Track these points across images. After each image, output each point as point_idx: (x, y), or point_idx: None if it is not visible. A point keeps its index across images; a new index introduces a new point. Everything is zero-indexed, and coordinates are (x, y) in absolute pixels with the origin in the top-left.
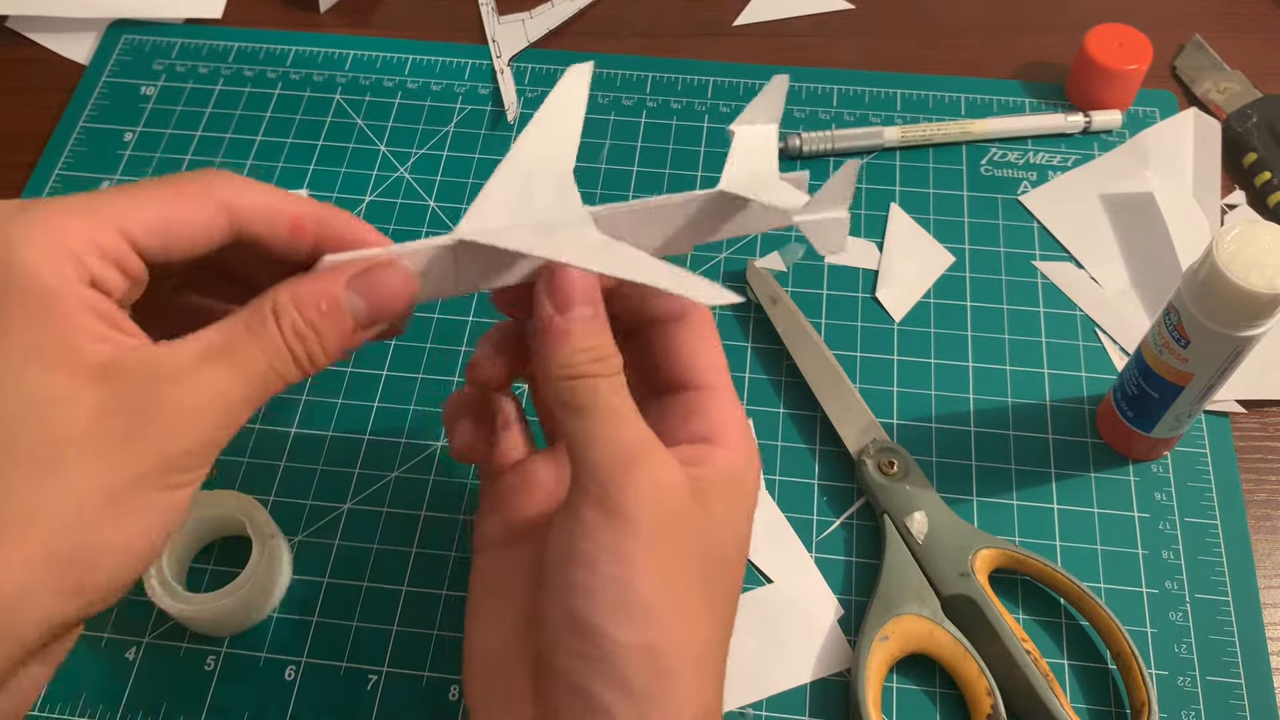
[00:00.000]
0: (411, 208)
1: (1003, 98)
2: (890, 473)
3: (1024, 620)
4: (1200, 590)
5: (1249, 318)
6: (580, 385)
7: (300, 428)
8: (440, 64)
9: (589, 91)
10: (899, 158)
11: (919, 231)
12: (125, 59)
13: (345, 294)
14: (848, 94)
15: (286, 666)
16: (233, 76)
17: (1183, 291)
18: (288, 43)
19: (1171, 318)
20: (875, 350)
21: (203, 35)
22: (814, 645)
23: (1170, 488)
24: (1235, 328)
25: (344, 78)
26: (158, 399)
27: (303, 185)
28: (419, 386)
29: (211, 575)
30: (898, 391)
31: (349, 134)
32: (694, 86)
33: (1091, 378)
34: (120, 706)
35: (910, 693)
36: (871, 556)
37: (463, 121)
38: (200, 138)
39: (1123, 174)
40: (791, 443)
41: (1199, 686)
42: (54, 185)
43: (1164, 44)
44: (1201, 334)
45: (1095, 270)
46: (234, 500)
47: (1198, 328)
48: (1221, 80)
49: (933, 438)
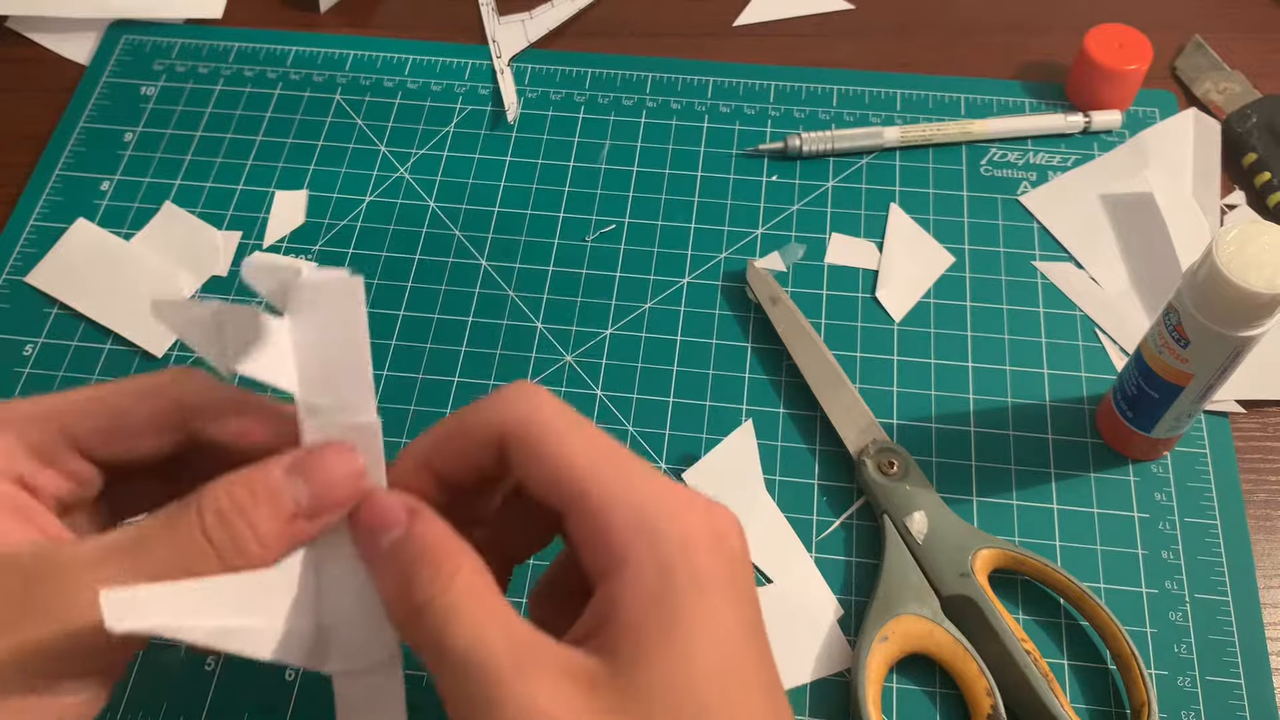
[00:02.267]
0: (411, 208)
1: (1003, 98)
2: (890, 473)
3: (1024, 620)
4: (1200, 590)
5: (1248, 318)
6: (425, 612)
7: None
8: (440, 64)
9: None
10: (899, 158)
11: (919, 232)
12: (125, 59)
13: (285, 478)
14: (848, 94)
15: (287, 666)
16: (233, 77)
17: (1182, 291)
18: (288, 43)
19: (1171, 318)
20: (875, 350)
21: (203, 35)
22: (814, 645)
23: (1170, 488)
24: (1235, 328)
25: (344, 78)
26: (35, 592)
27: (303, 185)
28: (419, 386)
29: None
30: (898, 392)
31: (349, 134)
32: (694, 86)
33: (1091, 378)
34: (120, 707)
35: (910, 693)
36: (871, 557)
37: (463, 122)
38: (200, 138)
39: (1123, 174)
40: (791, 443)
41: (1199, 686)
42: (54, 185)
43: (1164, 44)
44: (1201, 334)
45: (1095, 270)
46: None
47: (1197, 328)
48: (1221, 80)
49: (932, 438)
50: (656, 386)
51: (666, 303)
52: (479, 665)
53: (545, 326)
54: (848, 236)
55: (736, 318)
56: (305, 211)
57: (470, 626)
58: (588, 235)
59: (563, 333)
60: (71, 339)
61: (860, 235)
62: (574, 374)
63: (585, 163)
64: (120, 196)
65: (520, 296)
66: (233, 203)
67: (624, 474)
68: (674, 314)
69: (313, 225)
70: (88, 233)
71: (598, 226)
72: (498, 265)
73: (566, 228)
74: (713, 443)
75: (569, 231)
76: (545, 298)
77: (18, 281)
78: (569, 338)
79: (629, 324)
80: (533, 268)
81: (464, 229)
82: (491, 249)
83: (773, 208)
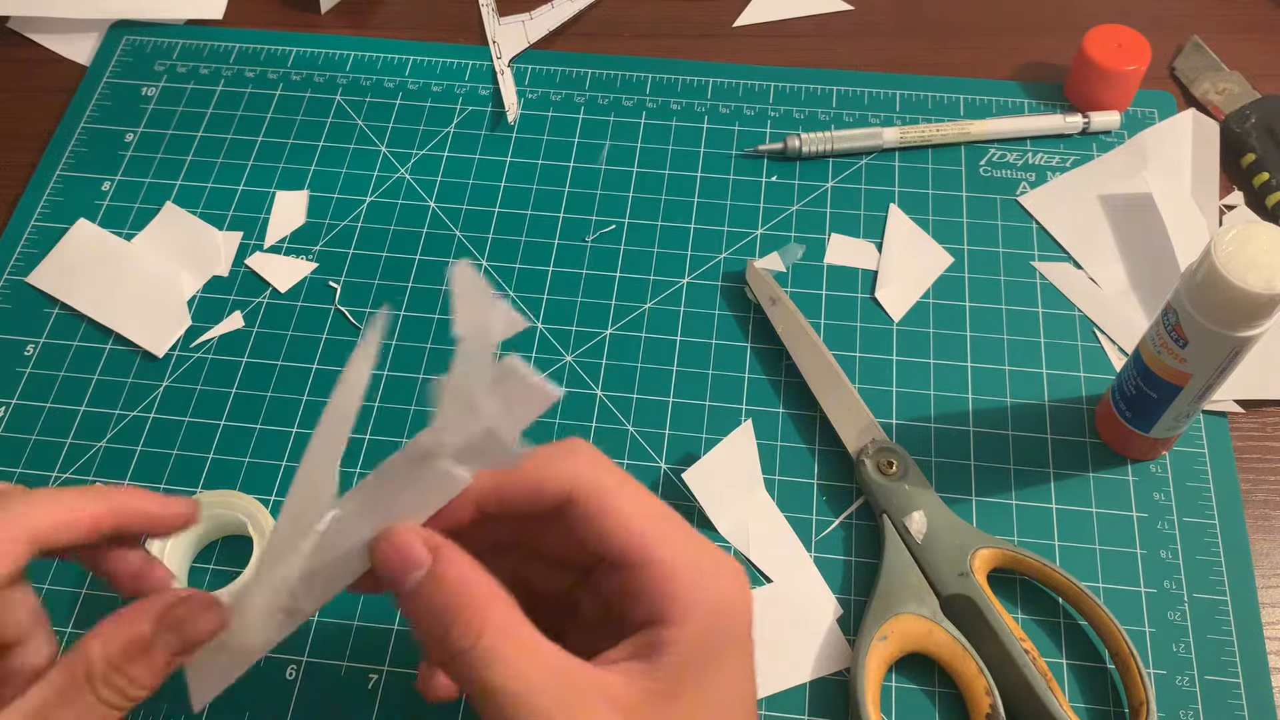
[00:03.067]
0: (412, 208)
1: (1001, 98)
2: (889, 473)
3: (1022, 620)
4: (1198, 590)
5: (1247, 318)
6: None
7: (300, 428)
8: (440, 65)
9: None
10: (898, 158)
11: (918, 232)
12: (126, 60)
13: (154, 633)
14: (847, 94)
15: (287, 666)
16: (234, 77)
17: (1181, 292)
18: (288, 44)
19: (1170, 318)
20: (874, 350)
21: (204, 36)
22: (813, 645)
23: (1169, 487)
24: (1233, 328)
25: (345, 78)
26: None
27: (304, 186)
28: (419, 386)
29: (212, 575)
30: (897, 391)
31: (349, 135)
32: (694, 86)
33: (1090, 378)
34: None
35: (909, 692)
36: (870, 556)
37: (463, 122)
38: (201, 138)
39: (1121, 175)
40: (791, 443)
41: (1197, 686)
42: (55, 185)
43: (1163, 45)
44: (1200, 334)
45: (1094, 271)
46: (234, 500)
47: (1196, 328)
48: (1220, 81)
49: (932, 438)
50: (656, 386)
51: (666, 303)
52: (528, 710)
53: (545, 327)
54: (847, 237)
55: (736, 318)
56: (306, 212)
57: (511, 668)
58: (588, 236)
59: (563, 333)
60: (72, 339)
61: (859, 235)
62: (574, 374)
63: (585, 163)
64: (121, 197)
65: (520, 296)
66: (234, 203)
67: (682, 535)
68: (674, 314)
69: (313, 225)
70: (89, 233)
71: (597, 227)
72: (498, 265)
73: (566, 228)
74: (713, 442)
75: (569, 232)
76: (545, 298)
77: (19, 282)
78: (569, 338)
79: (629, 324)
80: (533, 268)
81: (464, 229)
82: (492, 249)
83: (772, 208)
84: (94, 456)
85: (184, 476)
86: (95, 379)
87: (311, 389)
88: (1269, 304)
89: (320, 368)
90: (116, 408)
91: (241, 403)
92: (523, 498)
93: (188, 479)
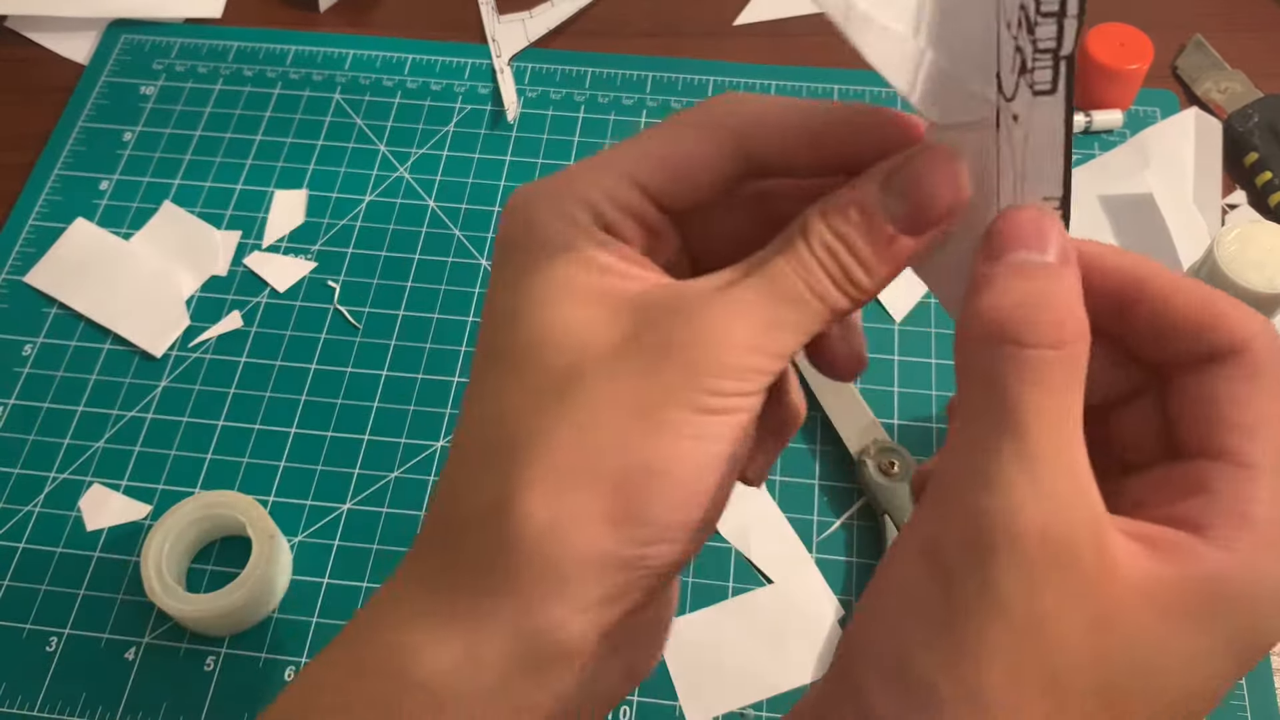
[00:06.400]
0: (411, 208)
1: None
2: (891, 473)
3: None
4: None
5: None
6: (984, 357)
7: (300, 428)
8: (440, 64)
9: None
10: None
11: None
12: (125, 59)
13: (878, 196)
14: (848, 94)
15: (286, 667)
16: (232, 76)
17: None
18: (287, 42)
19: None
20: (876, 350)
21: (202, 35)
22: (814, 646)
23: None
24: None
25: (343, 77)
26: (681, 320)
27: (302, 185)
28: (419, 386)
29: (211, 575)
30: (898, 391)
31: (348, 134)
32: (694, 86)
33: None
34: (120, 707)
35: None
36: (872, 557)
37: (462, 121)
38: (200, 137)
39: (1123, 174)
40: (792, 443)
41: None
42: (53, 185)
43: (1165, 43)
44: None
45: None
46: (234, 500)
47: None
48: (1222, 80)
49: (933, 438)
50: None
51: None
52: (1053, 457)
53: None
54: None
55: None
56: (305, 211)
57: (1057, 406)
58: None
59: None
60: (71, 339)
61: None
62: None
63: None
64: (119, 196)
65: None
66: (232, 202)
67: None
68: None
69: (312, 225)
70: (87, 232)
71: None
72: None
73: None
74: None
75: None
76: None
77: (17, 281)
78: None
79: None
80: None
81: (464, 229)
82: (491, 249)
83: None
84: (92, 457)
85: (182, 477)
86: (93, 379)
87: (310, 389)
88: (1271, 303)
89: (319, 368)
90: (114, 408)
91: (240, 403)
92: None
93: (186, 479)
